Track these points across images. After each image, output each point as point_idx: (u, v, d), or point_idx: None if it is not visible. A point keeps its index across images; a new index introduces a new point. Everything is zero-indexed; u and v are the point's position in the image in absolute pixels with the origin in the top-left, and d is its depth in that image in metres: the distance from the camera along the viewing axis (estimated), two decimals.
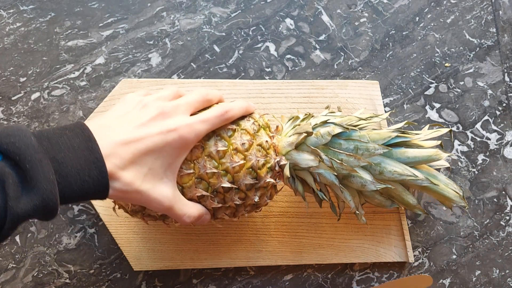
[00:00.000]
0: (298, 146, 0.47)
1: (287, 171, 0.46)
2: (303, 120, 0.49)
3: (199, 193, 0.44)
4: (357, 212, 0.49)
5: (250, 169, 0.44)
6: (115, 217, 0.55)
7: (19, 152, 0.33)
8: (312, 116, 0.49)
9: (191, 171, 0.43)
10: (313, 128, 0.46)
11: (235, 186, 0.44)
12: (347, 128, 0.46)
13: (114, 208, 0.47)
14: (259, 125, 0.46)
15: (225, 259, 0.55)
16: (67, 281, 0.55)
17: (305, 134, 0.46)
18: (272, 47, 0.61)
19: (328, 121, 0.47)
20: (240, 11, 0.62)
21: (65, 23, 0.61)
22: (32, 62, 0.59)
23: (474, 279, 0.57)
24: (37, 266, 0.55)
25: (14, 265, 0.55)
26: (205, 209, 0.45)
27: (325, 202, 0.55)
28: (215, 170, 0.43)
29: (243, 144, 0.44)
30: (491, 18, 0.64)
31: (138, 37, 0.61)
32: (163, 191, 0.41)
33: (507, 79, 0.62)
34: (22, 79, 0.59)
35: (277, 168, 0.46)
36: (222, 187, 0.44)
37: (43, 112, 0.58)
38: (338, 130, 0.46)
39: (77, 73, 0.59)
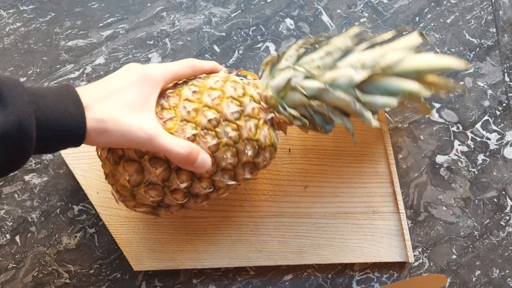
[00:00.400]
0: (272, 75, 0.48)
1: (269, 92, 0.47)
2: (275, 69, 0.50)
3: (189, 134, 0.42)
4: (358, 108, 0.47)
5: (231, 98, 0.44)
6: (115, 217, 0.55)
7: None
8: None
9: (173, 115, 0.43)
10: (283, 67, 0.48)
11: (222, 118, 0.43)
12: (312, 43, 0.48)
13: (117, 200, 0.46)
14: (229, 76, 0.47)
15: (225, 259, 0.55)
16: (67, 281, 0.55)
17: (274, 59, 0.47)
18: (272, 47, 0.61)
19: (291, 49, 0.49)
20: (240, 11, 0.62)
21: (65, 23, 0.61)
22: (32, 62, 0.59)
23: (474, 279, 0.57)
24: (37, 266, 0.55)
25: (14, 265, 0.55)
26: (195, 145, 0.43)
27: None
28: (196, 106, 0.43)
29: (216, 82, 0.45)
30: (491, 18, 0.64)
31: (138, 37, 0.61)
32: (144, 120, 0.40)
33: (507, 79, 0.62)
34: (22, 79, 0.59)
35: (262, 103, 0.47)
36: (209, 120, 0.43)
37: None
38: (303, 47, 0.48)
39: (77, 73, 0.59)
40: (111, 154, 0.44)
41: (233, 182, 0.46)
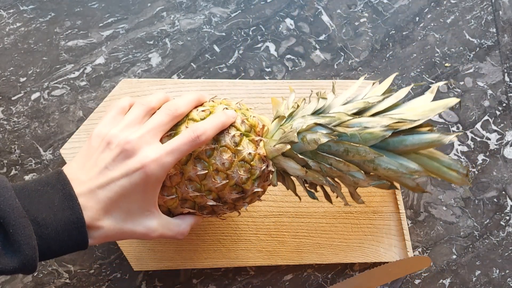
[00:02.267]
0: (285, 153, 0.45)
1: (274, 180, 0.46)
2: (289, 116, 0.47)
3: (187, 211, 0.44)
4: (355, 197, 0.47)
5: (235, 186, 0.43)
6: None
7: (4, 215, 0.34)
8: (298, 107, 0.47)
9: (174, 196, 0.43)
10: (299, 133, 0.44)
11: (221, 204, 0.44)
12: (335, 136, 0.43)
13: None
14: (240, 134, 0.43)
15: (225, 259, 0.55)
16: (67, 281, 0.55)
17: (290, 146, 0.44)
18: (272, 47, 0.61)
19: (315, 124, 0.44)
20: (240, 11, 0.62)
21: (65, 23, 0.61)
22: (32, 62, 0.59)
23: (474, 279, 0.57)
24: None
25: None
26: (195, 219, 0.45)
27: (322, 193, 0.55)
28: (197, 194, 0.42)
29: (223, 163, 0.42)
30: (491, 18, 0.64)
31: (138, 37, 0.61)
32: (147, 224, 0.41)
33: (507, 79, 0.62)
34: (22, 79, 0.59)
35: (265, 171, 0.45)
36: (209, 204, 0.43)
37: (43, 112, 0.58)
38: (324, 139, 0.43)
39: (77, 73, 0.59)
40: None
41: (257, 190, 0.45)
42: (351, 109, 0.45)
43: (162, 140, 0.42)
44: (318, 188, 0.49)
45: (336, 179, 0.47)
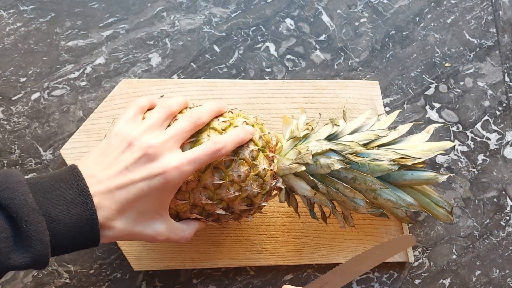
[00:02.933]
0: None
1: (282, 196, 0.47)
2: (304, 137, 0.48)
3: (194, 216, 0.45)
4: (348, 220, 0.50)
5: (245, 198, 0.45)
6: None
7: (17, 210, 0.34)
8: (312, 130, 0.48)
9: (186, 201, 0.43)
10: (313, 156, 0.46)
11: (229, 214, 0.45)
12: (347, 164, 0.45)
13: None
14: (258, 149, 0.45)
15: (225, 259, 0.55)
16: (67, 281, 0.55)
17: (304, 168, 0.45)
18: (272, 47, 0.61)
19: (330, 150, 0.46)
20: (240, 11, 0.62)
21: (65, 24, 0.61)
22: (32, 62, 0.59)
23: (474, 279, 0.57)
24: None
25: None
26: (199, 225, 0.46)
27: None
28: (209, 201, 0.43)
29: (239, 176, 0.43)
30: (491, 19, 0.64)
31: (138, 37, 0.61)
32: (156, 227, 0.42)
33: (507, 79, 0.62)
34: (22, 79, 0.59)
35: (273, 187, 0.47)
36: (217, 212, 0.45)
37: (43, 112, 0.58)
38: (338, 166, 0.44)
39: (77, 73, 0.59)
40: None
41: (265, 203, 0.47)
42: (362, 139, 0.48)
43: (183, 146, 0.43)
44: (316, 206, 0.50)
45: (334, 202, 0.49)
